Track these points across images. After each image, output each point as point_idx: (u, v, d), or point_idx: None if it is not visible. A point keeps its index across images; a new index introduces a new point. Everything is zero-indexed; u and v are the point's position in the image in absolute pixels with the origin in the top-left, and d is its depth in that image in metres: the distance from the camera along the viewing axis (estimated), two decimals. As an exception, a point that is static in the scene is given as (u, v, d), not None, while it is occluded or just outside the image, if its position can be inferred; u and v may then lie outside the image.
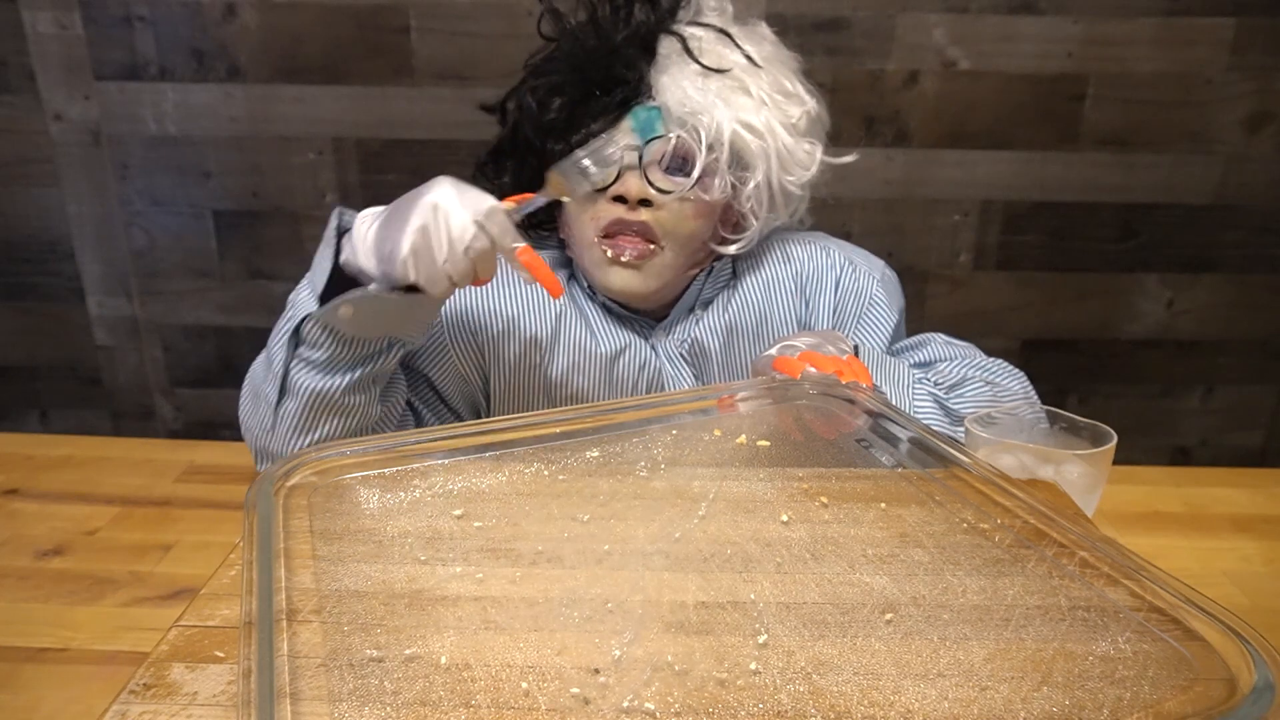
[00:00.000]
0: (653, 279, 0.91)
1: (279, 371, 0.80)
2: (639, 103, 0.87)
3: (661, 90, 0.87)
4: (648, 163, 0.87)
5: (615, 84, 0.87)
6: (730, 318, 0.95)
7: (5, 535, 0.94)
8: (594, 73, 0.87)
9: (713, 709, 0.42)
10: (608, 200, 0.88)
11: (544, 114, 0.89)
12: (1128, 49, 1.37)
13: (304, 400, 0.80)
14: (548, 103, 0.89)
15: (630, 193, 0.87)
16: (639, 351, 0.94)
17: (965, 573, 0.52)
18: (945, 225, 1.47)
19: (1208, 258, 1.49)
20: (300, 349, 0.80)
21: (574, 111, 0.88)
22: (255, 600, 0.46)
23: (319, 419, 0.81)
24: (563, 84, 0.89)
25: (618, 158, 0.81)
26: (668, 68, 0.87)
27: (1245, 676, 0.42)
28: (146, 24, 1.38)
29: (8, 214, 1.50)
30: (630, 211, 0.87)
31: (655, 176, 0.87)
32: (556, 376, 0.94)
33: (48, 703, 0.72)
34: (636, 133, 0.86)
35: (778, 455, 0.67)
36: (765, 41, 0.92)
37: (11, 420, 1.63)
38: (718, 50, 0.88)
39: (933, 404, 0.87)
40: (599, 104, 0.87)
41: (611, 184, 0.87)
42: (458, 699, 0.42)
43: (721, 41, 0.88)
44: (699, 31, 0.88)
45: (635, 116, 0.86)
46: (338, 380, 0.80)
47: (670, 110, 0.86)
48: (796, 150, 0.90)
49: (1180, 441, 1.61)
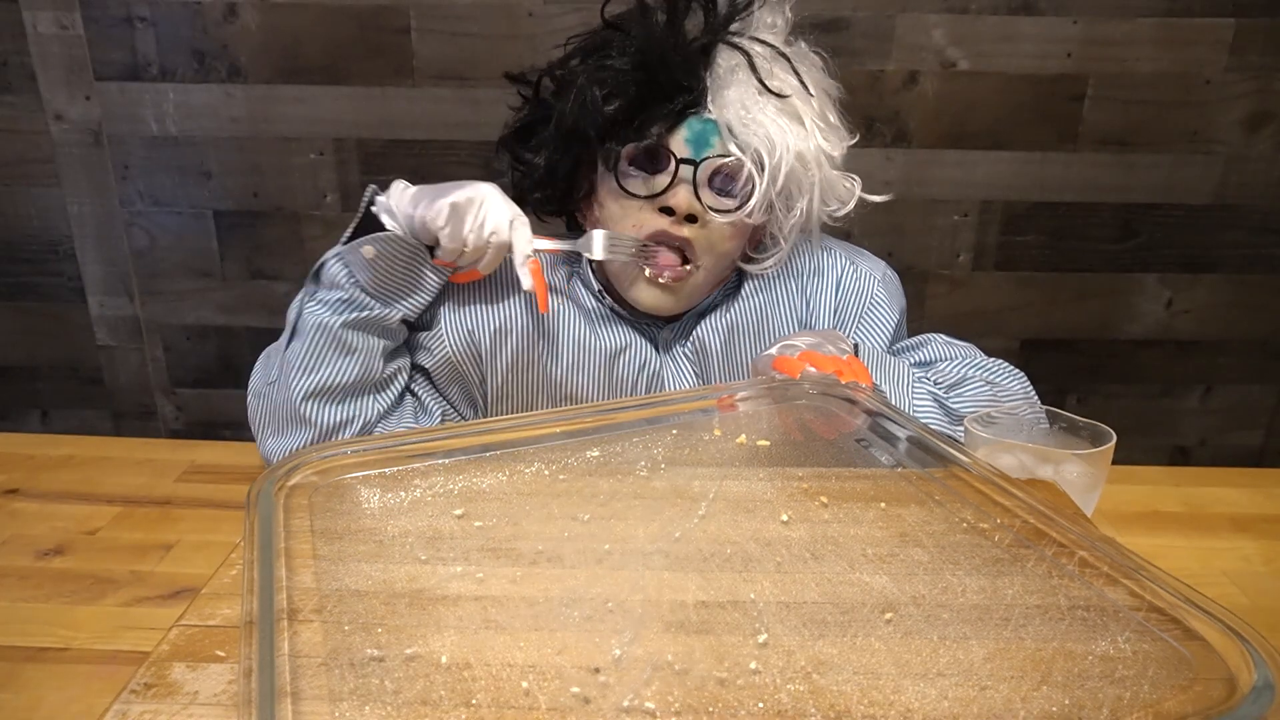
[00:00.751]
0: (684, 300, 0.92)
1: (295, 317, 0.86)
2: (696, 113, 0.86)
3: (723, 104, 0.86)
4: (700, 179, 0.86)
5: (678, 90, 0.86)
6: (732, 317, 0.95)
7: (5, 535, 0.94)
8: (660, 75, 0.85)
9: (713, 708, 0.42)
10: (654, 209, 0.87)
11: (606, 109, 0.86)
12: (1127, 49, 1.38)
13: (310, 335, 0.84)
14: (611, 98, 0.86)
15: (680, 206, 0.86)
16: (640, 350, 0.94)
17: (965, 572, 0.52)
18: (945, 225, 1.47)
19: (1207, 258, 1.49)
20: (315, 290, 0.86)
21: (636, 112, 0.86)
22: (256, 600, 0.46)
23: (324, 355, 0.85)
24: (627, 81, 0.86)
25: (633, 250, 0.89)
26: (730, 82, 0.86)
27: (1245, 676, 0.42)
28: (147, 24, 1.38)
29: (8, 214, 1.50)
30: (675, 225, 0.87)
31: (706, 195, 0.87)
32: (556, 374, 0.94)
33: (48, 702, 0.72)
34: (689, 144, 0.86)
35: (778, 455, 0.67)
36: (815, 68, 0.91)
37: (12, 420, 1.64)
38: (776, 72, 0.87)
39: (932, 403, 0.87)
40: (660, 109, 0.86)
41: (661, 193, 0.87)
42: (458, 698, 0.42)
43: (779, 63, 0.87)
44: (759, 49, 0.87)
45: (690, 127, 0.86)
46: (345, 316, 0.84)
47: (732, 128, 0.85)
48: (838, 184, 0.91)
49: (1180, 441, 1.62)
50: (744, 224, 0.89)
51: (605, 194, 0.91)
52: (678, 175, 0.86)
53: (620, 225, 0.90)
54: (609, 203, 0.90)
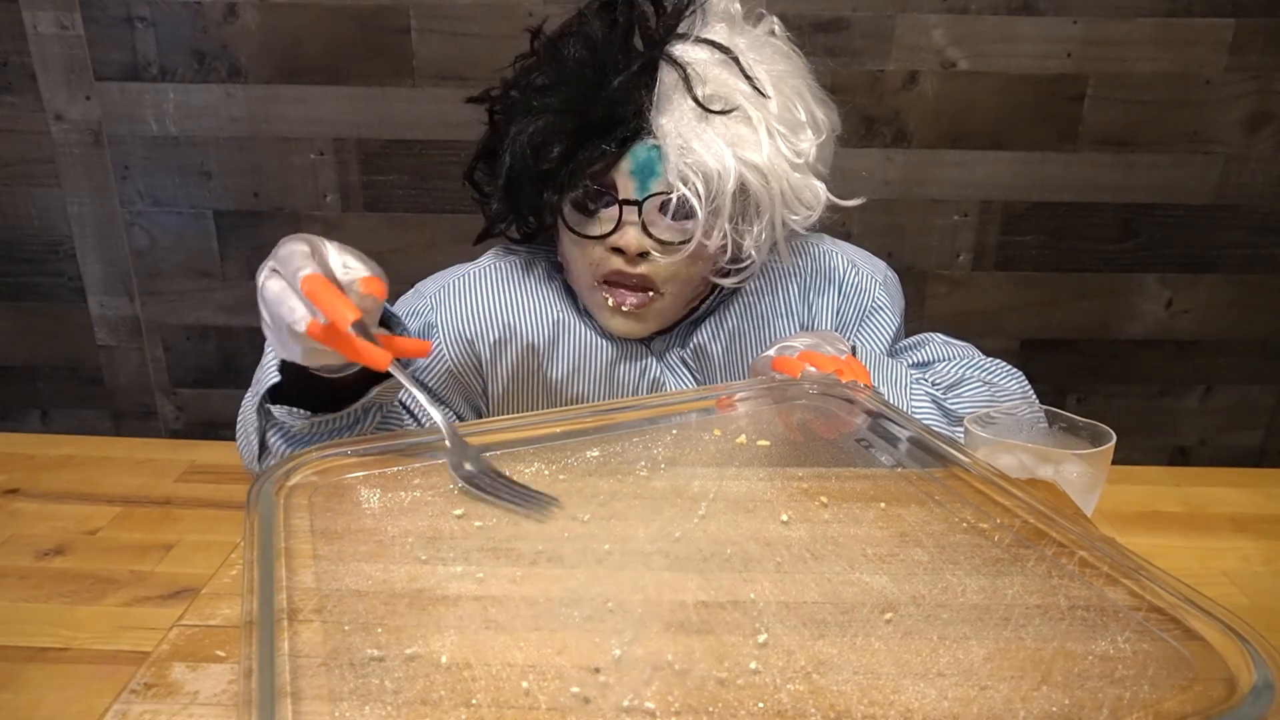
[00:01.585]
0: (653, 322, 0.90)
1: (255, 430, 0.79)
2: (640, 141, 0.82)
3: (662, 135, 0.81)
4: (647, 216, 0.83)
5: (615, 124, 0.81)
6: (733, 321, 0.94)
7: (6, 535, 0.94)
8: (592, 115, 0.81)
9: (713, 708, 0.42)
10: (606, 249, 0.85)
11: (540, 162, 0.83)
12: (1127, 49, 1.38)
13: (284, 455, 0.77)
14: (543, 150, 0.82)
15: (629, 246, 0.83)
16: (639, 357, 0.94)
17: (965, 572, 0.52)
18: (945, 225, 1.47)
19: (1207, 258, 1.49)
20: (274, 416, 0.78)
21: (571, 159, 0.83)
22: (256, 600, 0.46)
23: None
24: (557, 127, 0.82)
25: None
26: (668, 106, 0.81)
27: (1245, 676, 0.42)
28: (147, 24, 1.38)
29: (9, 214, 1.50)
30: (629, 263, 0.85)
31: (657, 228, 0.84)
32: (556, 382, 0.94)
33: (48, 702, 0.72)
34: (635, 176, 0.82)
35: (778, 455, 0.67)
36: (777, 56, 0.85)
37: (12, 420, 1.64)
38: (723, 78, 0.81)
39: (930, 404, 0.87)
40: (596, 149, 0.82)
41: (610, 234, 0.84)
42: (458, 698, 0.42)
43: (727, 67, 0.81)
44: (702, 54, 0.82)
45: (635, 157, 0.82)
46: (315, 441, 0.77)
47: (670, 160, 0.81)
48: (803, 189, 0.85)
49: (1180, 441, 1.62)
50: (704, 247, 0.84)
51: (560, 231, 0.88)
52: (623, 217, 0.83)
53: (578, 264, 0.88)
54: (565, 241, 0.89)
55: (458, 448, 0.62)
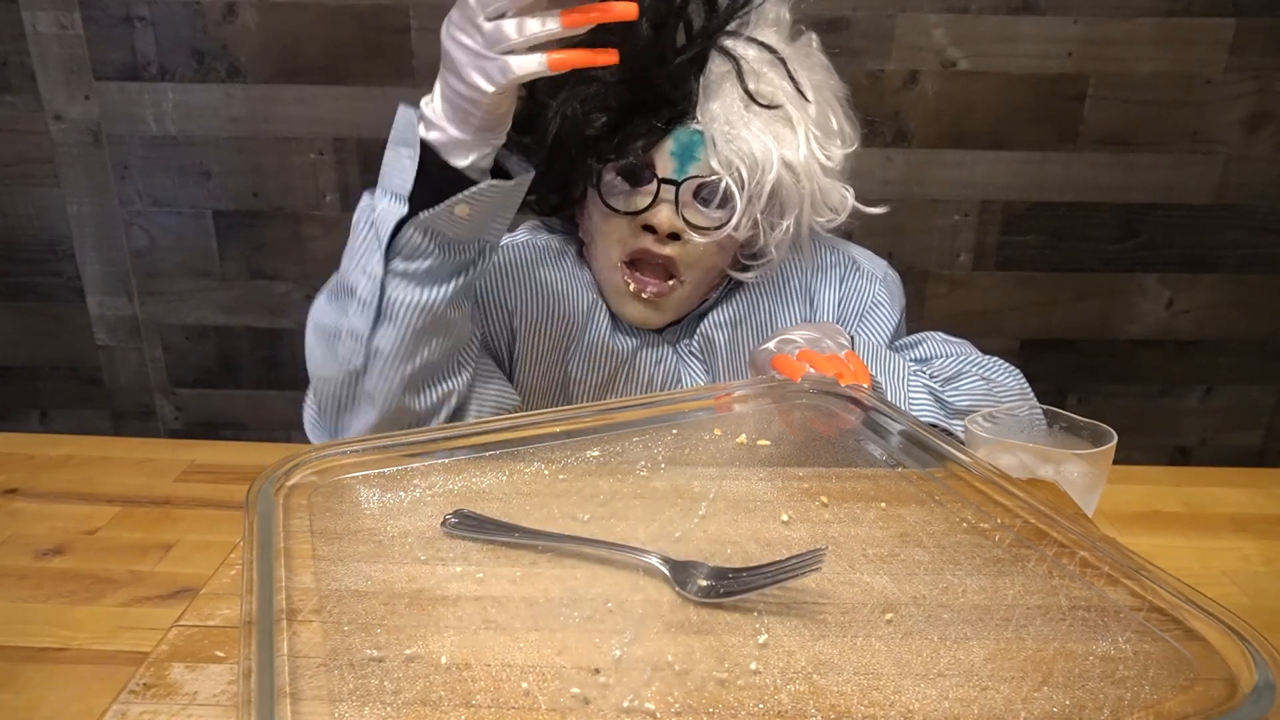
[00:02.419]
0: (669, 313, 0.91)
1: (372, 295, 0.75)
2: (683, 124, 0.84)
3: (710, 119, 0.83)
4: (683, 197, 0.85)
5: (663, 104, 0.84)
6: (737, 314, 0.95)
7: (5, 535, 0.94)
8: (643, 91, 0.83)
9: (713, 709, 0.42)
10: (637, 227, 0.86)
11: (587, 127, 0.84)
12: (1128, 49, 1.38)
13: (406, 320, 0.75)
14: (591, 116, 0.83)
15: (662, 225, 0.85)
16: (656, 347, 0.95)
17: (965, 572, 0.52)
18: (945, 225, 1.47)
19: (1207, 258, 1.49)
20: (396, 264, 0.75)
21: (617, 129, 0.84)
22: (255, 600, 0.46)
23: (421, 340, 0.76)
24: (608, 98, 0.83)
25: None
26: (718, 93, 0.84)
27: (1245, 676, 0.42)
28: (146, 24, 1.38)
29: (8, 214, 1.50)
30: (658, 244, 0.86)
31: (689, 211, 0.85)
32: (575, 371, 0.94)
33: (48, 703, 0.72)
34: (675, 158, 0.84)
35: (778, 455, 0.67)
36: (817, 67, 0.88)
37: (12, 420, 1.64)
38: (770, 76, 0.84)
39: (928, 397, 0.87)
40: (644, 124, 0.84)
41: (643, 211, 0.85)
42: (458, 699, 0.42)
43: (774, 66, 0.84)
44: (753, 51, 0.85)
45: (677, 139, 0.84)
46: (440, 291, 0.75)
47: (715, 144, 0.83)
48: (831, 193, 0.88)
49: (1180, 441, 1.62)
50: (729, 239, 0.87)
51: (591, 205, 0.90)
52: (659, 195, 0.85)
53: (604, 239, 0.89)
54: (594, 215, 0.90)
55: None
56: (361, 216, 0.77)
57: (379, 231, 0.74)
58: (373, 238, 0.75)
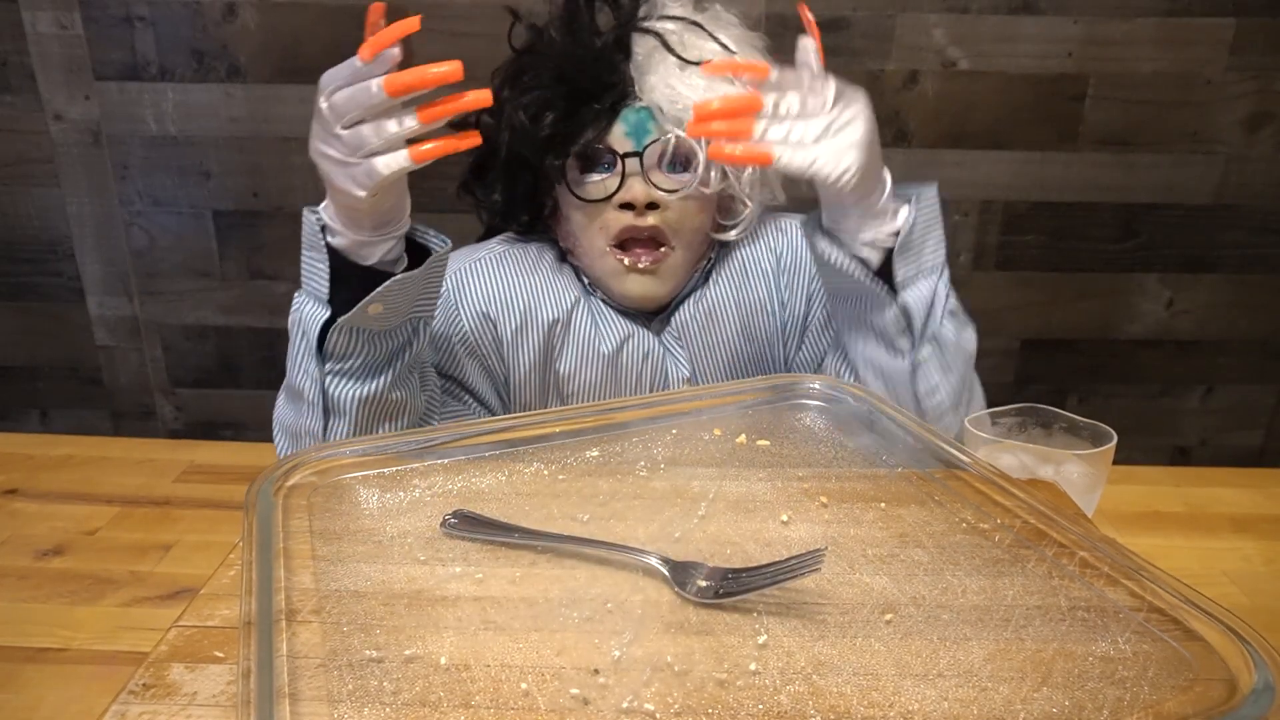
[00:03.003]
0: (669, 281, 0.92)
1: (316, 396, 0.78)
2: (628, 105, 0.87)
3: (649, 90, 0.87)
4: (649, 166, 0.87)
5: (602, 89, 0.87)
6: (711, 299, 0.96)
7: (5, 535, 0.94)
8: (580, 80, 0.87)
9: (713, 709, 0.42)
10: (614, 208, 0.88)
11: (538, 129, 0.87)
12: (1128, 49, 1.37)
13: (353, 413, 0.78)
14: (540, 118, 0.87)
15: (637, 198, 0.87)
16: (642, 340, 0.95)
17: (965, 573, 0.52)
18: (945, 225, 1.47)
19: (1207, 258, 1.49)
20: (329, 365, 0.77)
21: (567, 123, 0.87)
22: (255, 600, 0.46)
23: (375, 423, 0.79)
24: (550, 97, 0.87)
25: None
26: (650, 67, 0.87)
27: (1245, 677, 0.42)
28: (146, 24, 1.38)
29: (8, 214, 1.50)
30: (639, 217, 0.88)
31: (658, 178, 0.88)
32: (565, 369, 0.94)
33: (48, 703, 0.72)
34: (630, 137, 0.87)
35: (778, 455, 0.67)
36: (731, 25, 0.91)
37: (11, 420, 1.64)
38: (693, 41, 0.88)
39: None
40: (590, 111, 0.87)
41: (616, 192, 0.87)
42: (457, 699, 0.42)
43: (693, 32, 0.88)
44: (670, 25, 0.88)
45: (626, 120, 0.87)
46: (381, 381, 0.78)
47: (663, 109, 0.86)
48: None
49: (1180, 441, 1.61)
50: (706, 196, 0.90)
51: (566, 207, 0.92)
52: (626, 170, 0.87)
53: (586, 232, 0.91)
54: (572, 214, 0.92)
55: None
56: (293, 319, 0.79)
57: (308, 336, 0.77)
58: (305, 342, 0.77)
